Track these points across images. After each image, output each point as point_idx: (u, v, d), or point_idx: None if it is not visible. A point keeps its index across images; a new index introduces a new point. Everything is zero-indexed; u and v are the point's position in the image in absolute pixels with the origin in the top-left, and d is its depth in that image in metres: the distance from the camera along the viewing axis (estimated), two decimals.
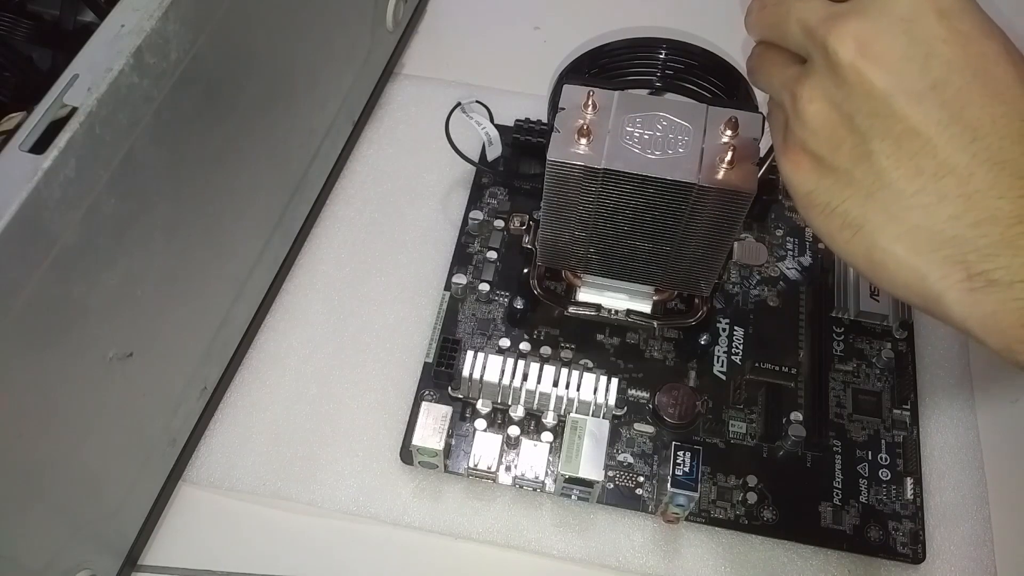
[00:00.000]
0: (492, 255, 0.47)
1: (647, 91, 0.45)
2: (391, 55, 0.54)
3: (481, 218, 0.48)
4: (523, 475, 0.40)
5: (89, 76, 0.27)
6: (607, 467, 0.41)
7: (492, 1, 0.60)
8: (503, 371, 0.41)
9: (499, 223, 0.48)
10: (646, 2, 0.58)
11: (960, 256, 0.23)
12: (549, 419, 0.41)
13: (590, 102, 0.36)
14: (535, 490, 0.41)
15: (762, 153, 0.36)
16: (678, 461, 0.38)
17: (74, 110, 0.27)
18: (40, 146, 0.26)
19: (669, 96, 0.42)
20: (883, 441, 0.42)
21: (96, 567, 0.35)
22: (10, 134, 0.26)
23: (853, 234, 0.25)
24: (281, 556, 0.40)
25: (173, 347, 0.37)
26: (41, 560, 0.32)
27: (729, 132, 0.35)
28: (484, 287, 0.46)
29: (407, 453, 0.41)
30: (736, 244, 0.47)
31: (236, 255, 0.41)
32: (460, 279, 0.46)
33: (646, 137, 0.36)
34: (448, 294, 0.46)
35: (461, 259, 0.47)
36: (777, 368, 0.44)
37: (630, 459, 0.42)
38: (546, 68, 0.54)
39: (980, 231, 0.22)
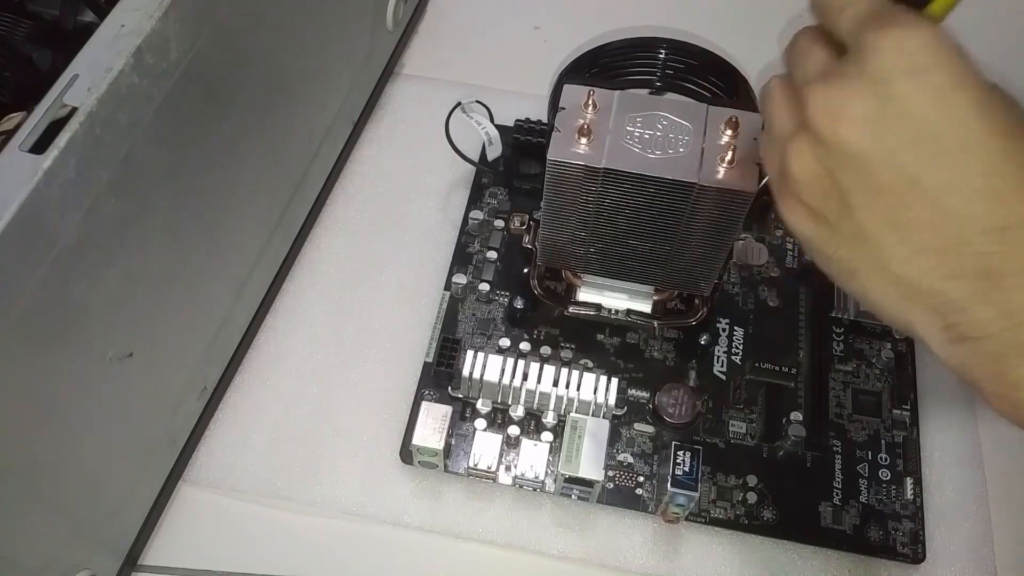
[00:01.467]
0: (492, 255, 0.47)
1: (647, 91, 0.45)
2: (391, 55, 0.54)
3: (481, 218, 0.48)
4: (523, 475, 0.40)
5: (89, 76, 0.27)
6: (607, 467, 0.41)
7: (492, 1, 0.60)
8: (503, 371, 0.41)
9: (499, 223, 0.48)
10: (646, 2, 0.58)
11: (937, 307, 0.24)
12: (549, 419, 0.41)
13: (590, 102, 0.36)
14: (535, 490, 0.41)
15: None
16: (678, 461, 0.38)
17: (74, 110, 0.27)
18: (40, 146, 0.26)
19: (669, 96, 0.42)
20: (883, 441, 0.42)
21: (96, 567, 0.35)
22: (10, 134, 0.26)
23: (850, 279, 0.26)
24: (281, 556, 0.40)
25: (173, 347, 0.37)
26: (41, 560, 0.32)
27: (729, 132, 0.35)
28: (484, 287, 0.46)
29: (407, 453, 0.41)
30: (736, 244, 0.47)
31: (236, 255, 0.41)
32: (460, 279, 0.46)
33: (646, 137, 0.36)
34: (448, 294, 0.46)
35: (461, 259, 0.47)
36: (777, 368, 0.44)
37: (630, 459, 0.41)
38: (546, 68, 0.54)
39: (952, 285, 0.23)
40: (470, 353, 0.41)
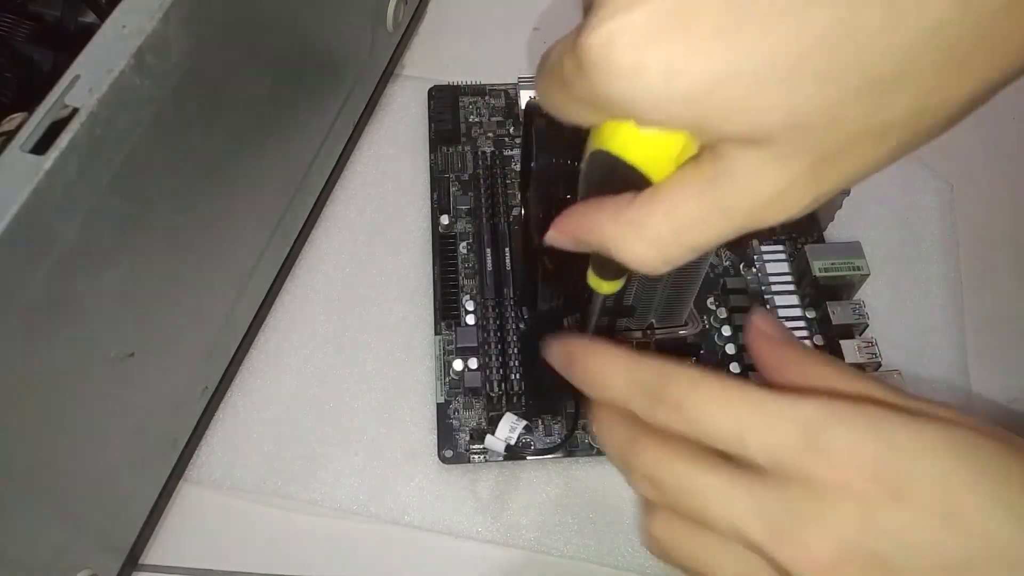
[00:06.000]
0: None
1: None
2: (391, 56, 0.54)
3: None
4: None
5: (90, 77, 0.27)
6: None
7: (492, 2, 0.60)
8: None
9: None
10: None
11: None
12: None
13: None
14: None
15: None
16: None
17: (75, 111, 0.27)
18: (41, 147, 0.26)
19: None
20: None
21: (97, 566, 0.36)
22: (11, 135, 0.26)
23: None
24: (282, 555, 0.40)
25: (174, 347, 0.37)
26: (42, 559, 0.32)
27: None
28: None
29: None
30: None
31: (237, 255, 0.41)
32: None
33: None
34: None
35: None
36: None
37: None
38: None
39: None
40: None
